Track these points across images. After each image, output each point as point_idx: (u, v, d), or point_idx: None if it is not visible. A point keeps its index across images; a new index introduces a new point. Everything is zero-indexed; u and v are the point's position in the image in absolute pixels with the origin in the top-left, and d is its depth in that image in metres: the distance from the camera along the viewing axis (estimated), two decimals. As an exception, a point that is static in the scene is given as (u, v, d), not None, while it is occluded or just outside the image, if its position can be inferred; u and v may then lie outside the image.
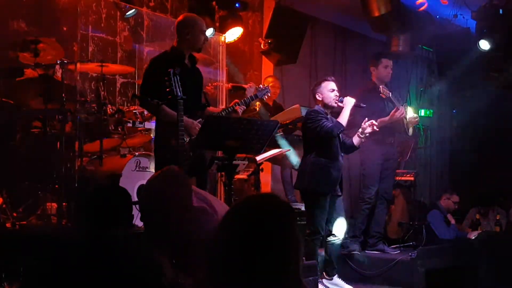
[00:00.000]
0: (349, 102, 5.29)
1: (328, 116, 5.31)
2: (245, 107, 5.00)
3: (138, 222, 5.05)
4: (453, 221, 7.79)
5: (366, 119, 5.38)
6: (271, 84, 6.61)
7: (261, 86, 5.45)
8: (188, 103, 4.62)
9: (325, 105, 5.36)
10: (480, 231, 7.52)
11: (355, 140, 5.42)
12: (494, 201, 8.61)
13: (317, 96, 5.39)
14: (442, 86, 9.54)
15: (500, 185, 8.88)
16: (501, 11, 7.14)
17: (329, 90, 5.34)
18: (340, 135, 5.33)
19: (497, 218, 7.93)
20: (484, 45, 7.19)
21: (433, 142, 9.01)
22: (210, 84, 6.52)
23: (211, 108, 4.93)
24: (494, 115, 9.18)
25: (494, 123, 9.20)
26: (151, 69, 4.63)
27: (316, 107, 5.38)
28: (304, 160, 5.38)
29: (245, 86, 6.59)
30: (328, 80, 5.38)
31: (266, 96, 5.39)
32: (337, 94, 5.32)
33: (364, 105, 5.44)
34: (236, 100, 4.97)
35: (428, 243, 6.41)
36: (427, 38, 8.13)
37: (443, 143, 10.10)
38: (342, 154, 5.39)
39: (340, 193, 5.39)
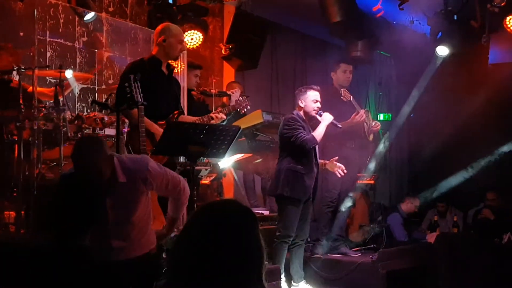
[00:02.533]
0: (327, 118, 5.39)
1: (304, 125, 5.38)
2: (224, 117, 5.05)
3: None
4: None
5: (337, 157, 5.54)
6: (235, 89, 6.65)
7: (241, 98, 5.50)
8: (163, 110, 4.63)
9: (305, 113, 5.43)
10: (438, 233, 7.67)
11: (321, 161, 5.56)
12: (452, 203, 8.81)
13: (299, 102, 5.45)
14: (400, 91, 9.71)
15: (456, 187, 9.09)
16: (455, 17, 7.32)
17: (312, 100, 5.42)
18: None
19: (455, 219, 8.10)
20: (442, 51, 7.36)
21: (392, 146, 9.15)
22: (195, 89, 6.50)
23: (187, 117, 4.94)
24: (451, 119, 9.39)
25: (451, 126, 9.40)
26: (127, 74, 4.61)
27: (295, 113, 5.44)
28: (279, 165, 5.44)
29: (230, 92, 6.64)
30: (314, 90, 5.45)
31: (245, 110, 5.45)
32: (319, 106, 5.41)
33: (341, 126, 5.56)
34: (219, 109, 5.03)
35: (388, 245, 6.51)
36: (384, 44, 8.27)
37: (402, 147, 10.27)
38: (316, 161, 5.47)
39: (311, 199, 5.48)
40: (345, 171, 5.61)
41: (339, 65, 6.46)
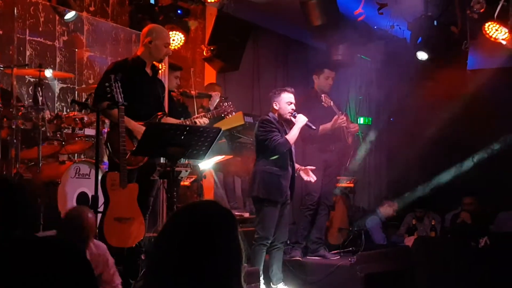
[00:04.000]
0: (301, 120, 5.39)
1: (279, 127, 5.39)
2: (207, 122, 5.04)
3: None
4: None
5: (301, 168, 5.52)
6: (216, 92, 6.66)
7: (226, 103, 5.50)
8: (145, 111, 4.61)
9: (280, 116, 5.44)
10: (416, 236, 7.72)
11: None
12: (429, 207, 8.88)
13: (274, 105, 5.46)
14: (380, 95, 9.78)
15: (435, 191, 9.17)
16: (435, 23, 7.39)
17: (287, 102, 5.42)
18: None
19: (432, 223, 8.16)
20: (422, 55, 7.42)
21: (371, 150, 9.21)
22: (176, 90, 6.47)
23: (169, 119, 4.93)
24: (430, 123, 9.48)
25: (430, 131, 9.49)
26: (109, 74, 4.58)
27: (270, 115, 5.45)
28: (255, 167, 5.44)
29: (211, 93, 6.64)
30: (288, 92, 5.46)
31: (230, 115, 5.45)
32: (294, 108, 5.42)
33: (315, 128, 5.58)
34: (203, 113, 5.02)
35: (367, 248, 6.55)
36: (365, 48, 8.32)
37: (381, 150, 10.34)
38: (292, 162, 5.48)
39: (289, 201, 5.49)
40: (315, 178, 5.62)
41: (323, 71, 6.47)
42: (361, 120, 9.00)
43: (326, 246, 6.54)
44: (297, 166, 5.61)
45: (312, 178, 5.61)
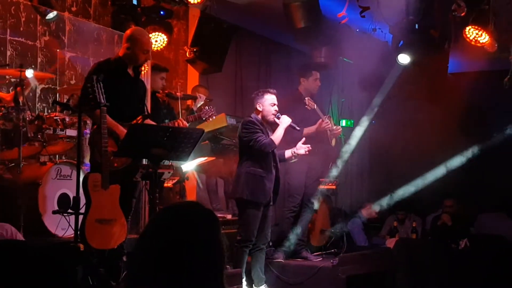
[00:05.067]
0: (285, 121, 5.41)
1: (262, 129, 5.39)
2: (186, 125, 5.04)
3: (58, 231, 4.94)
4: None
5: (304, 139, 5.50)
6: (201, 95, 6.66)
7: (207, 107, 5.50)
8: (127, 112, 4.59)
9: (263, 117, 5.45)
10: (398, 238, 7.78)
11: (287, 154, 5.54)
12: (411, 209, 8.95)
13: (257, 106, 5.46)
14: (362, 97, 9.82)
15: (416, 193, 9.23)
16: (416, 26, 7.44)
17: (270, 103, 5.44)
18: None
19: (414, 225, 8.22)
20: (403, 59, 7.48)
21: (353, 152, 9.25)
22: (161, 92, 6.44)
23: (150, 122, 4.90)
24: (411, 126, 9.56)
25: (411, 133, 9.56)
26: (91, 75, 4.55)
27: (253, 116, 5.45)
28: (239, 169, 5.44)
29: (196, 95, 6.63)
30: (271, 93, 5.47)
31: (211, 119, 5.45)
32: (277, 109, 5.44)
33: (299, 129, 5.59)
34: (180, 119, 5.02)
35: (348, 250, 6.58)
36: (348, 51, 8.35)
37: (363, 152, 10.39)
38: (275, 164, 5.49)
39: (272, 203, 5.49)
40: (308, 148, 5.55)
41: (311, 73, 6.53)
42: (344, 123, 9.04)
43: (308, 247, 6.56)
44: (288, 154, 5.55)
45: (305, 147, 5.51)
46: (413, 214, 8.78)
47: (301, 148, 5.51)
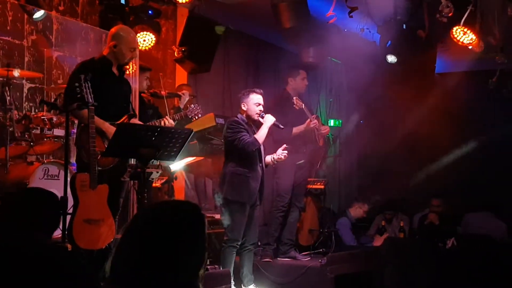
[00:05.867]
0: (269, 120, 5.42)
1: (248, 128, 5.39)
2: (173, 123, 5.02)
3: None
4: None
5: (284, 145, 5.51)
6: (185, 91, 6.64)
7: (192, 105, 5.47)
8: (114, 111, 4.57)
9: (248, 117, 5.45)
10: (385, 237, 7.81)
11: (267, 160, 5.55)
12: (398, 208, 8.99)
13: (242, 106, 5.47)
14: (351, 97, 9.87)
15: (403, 193, 9.29)
16: (404, 26, 7.48)
17: (255, 103, 5.44)
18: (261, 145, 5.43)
19: (401, 224, 8.26)
20: (391, 59, 7.51)
21: (341, 152, 9.29)
22: (146, 92, 6.42)
23: (137, 121, 4.88)
24: (399, 126, 9.60)
25: (399, 133, 9.61)
26: (77, 74, 4.52)
27: (238, 116, 5.46)
28: (224, 169, 5.44)
29: (180, 93, 6.61)
30: (256, 93, 5.48)
31: (196, 117, 5.43)
32: (262, 109, 5.44)
33: (283, 127, 5.60)
34: (166, 118, 4.98)
35: (337, 249, 6.60)
36: (336, 51, 8.38)
37: (351, 152, 10.43)
38: (261, 164, 5.49)
39: (258, 203, 5.49)
40: (286, 154, 5.57)
41: (299, 72, 6.55)
42: (332, 123, 9.07)
43: (297, 247, 6.58)
44: (268, 159, 5.56)
45: (283, 153, 5.52)
46: (401, 213, 8.82)
47: (280, 154, 5.53)
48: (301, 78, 6.52)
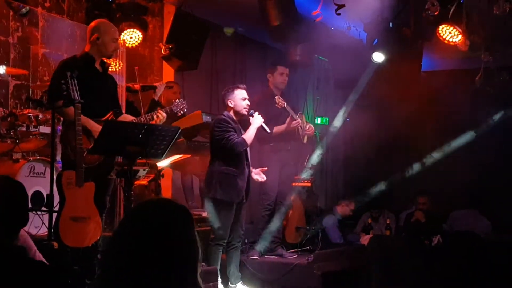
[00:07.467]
0: (257, 121, 5.42)
1: (235, 127, 5.38)
2: (165, 116, 4.98)
3: (31, 230, 4.88)
4: None
5: (253, 170, 5.52)
6: (160, 83, 6.62)
7: (177, 100, 5.41)
8: (98, 108, 4.54)
9: (236, 113, 5.44)
10: (372, 235, 7.84)
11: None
12: (384, 206, 9.03)
13: (228, 103, 5.45)
14: (337, 95, 9.88)
15: (389, 190, 9.33)
16: (391, 25, 7.51)
17: (241, 98, 5.44)
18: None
19: (388, 222, 8.30)
20: (377, 57, 7.54)
21: (328, 149, 9.31)
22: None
23: (126, 116, 4.85)
24: (385, 124, 9.64)
25: (385, 131, 9.65)
26: (60, 72, 4.48)
27: (225, 114, 5.44)
28: (211, 168, 5.43)
29: (156, 84, 6.57)
30: (240, 88, 5.47)
31: (182, 112, 5.38)
32: (248, 103, 5.44)
33: (270, 131, 5.61)
34: (159, 111, 4.94)
35: (323, 247, 6.62)
36: (323, 49, 8.39)
37: (338, 150, 10.46)
38: (247, 162, 5.49)
39: (245, 201, 5.49)
40: (264, 178, 5.63)
41: (276, 68, 6.53)
42: (319, 120, 9.09)
43: (284, 245, 6.58)
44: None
45: (262, 177, 5.63)
46: (387, 211, 8.87)
47: (257, 174, 5.59)
48: (279, 73, 6.49)
